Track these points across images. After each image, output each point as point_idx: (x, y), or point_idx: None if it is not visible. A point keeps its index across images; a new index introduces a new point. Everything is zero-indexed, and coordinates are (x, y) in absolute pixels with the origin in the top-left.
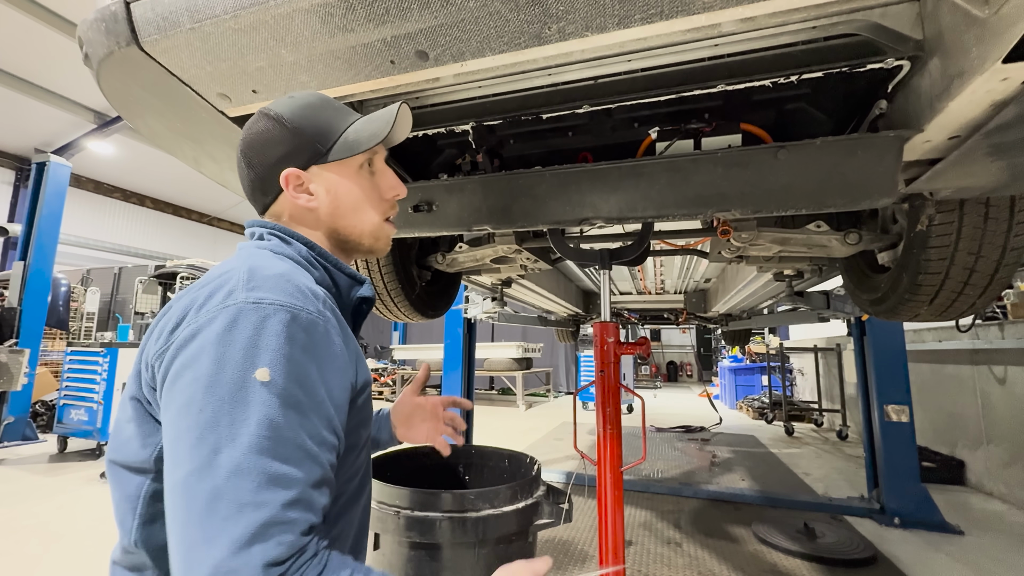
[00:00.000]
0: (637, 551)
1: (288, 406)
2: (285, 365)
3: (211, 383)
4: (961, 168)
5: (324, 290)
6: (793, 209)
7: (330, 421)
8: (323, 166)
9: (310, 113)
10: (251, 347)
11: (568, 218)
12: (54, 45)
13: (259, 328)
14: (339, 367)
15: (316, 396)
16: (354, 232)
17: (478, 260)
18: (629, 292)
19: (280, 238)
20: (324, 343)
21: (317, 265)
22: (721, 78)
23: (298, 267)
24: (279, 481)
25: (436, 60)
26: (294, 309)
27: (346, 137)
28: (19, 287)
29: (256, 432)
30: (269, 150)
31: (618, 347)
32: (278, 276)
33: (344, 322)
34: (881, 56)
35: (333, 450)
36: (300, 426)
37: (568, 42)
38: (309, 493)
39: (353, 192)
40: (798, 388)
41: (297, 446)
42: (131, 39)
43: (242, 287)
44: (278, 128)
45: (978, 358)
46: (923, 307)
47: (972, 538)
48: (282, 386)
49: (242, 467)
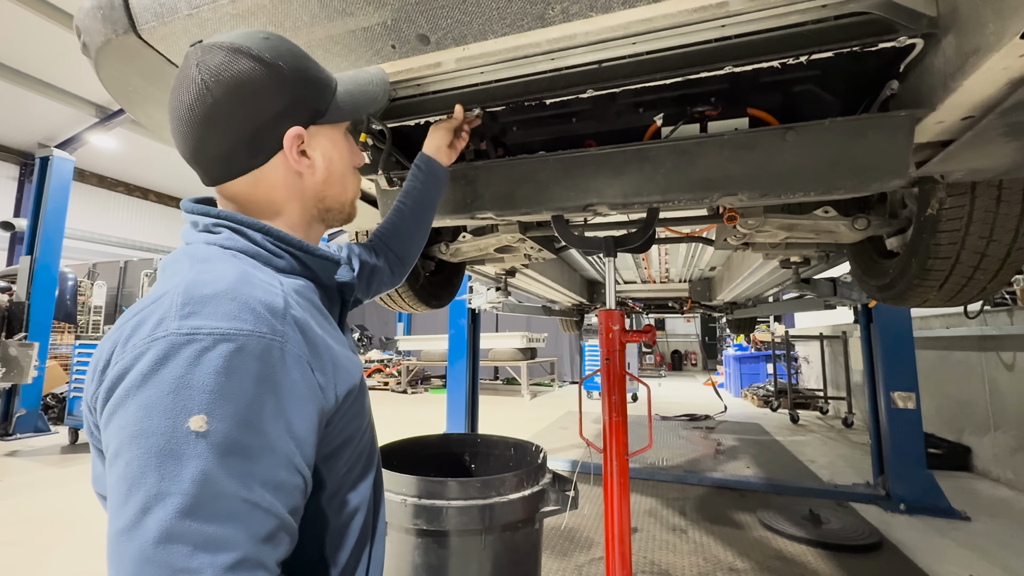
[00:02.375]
0: (643, 537)
1: (230, 455)
2: (227, 408)
3: (137, 433)
4: (974, 149)
5: (292, 280)
6: (802, 192)
7: (290, 459)
8: (321, 126)
9: (301, 60)
10: (183, 389)
11: (572, 204)
12: (54, 39)
13: (193, 365)
14: (302, 394)
15: (270, 435)
16: (338, 200)
17: (482, 249)
18: (634, 281)
19: (231, 229)
20: (282, 369)
21: (281, 253)
22: (728, 60)
23: (256, 266)
24: (217, 544)
25: (438, 44)
26: (241, 336)
27: (341, 96)
28: (26, 281)
29: (189, 491)
30: (263, 102)
31: (623, 335)
32: (220, 294)
33: (326, 316)
34: (893, 34)
35: (296, 491)
36: (246, 475)
37: (572, 23)
38: (256, 549)
39: (344, 157)
40: (803, 376)
41: (242, 500)
42: (128, 26)
43: (175, 314)
44: (272, 74)
45: (986, 344)
46: (932, 292)
47: (979, 524)
48: (224, 434)
49: (173, 532)
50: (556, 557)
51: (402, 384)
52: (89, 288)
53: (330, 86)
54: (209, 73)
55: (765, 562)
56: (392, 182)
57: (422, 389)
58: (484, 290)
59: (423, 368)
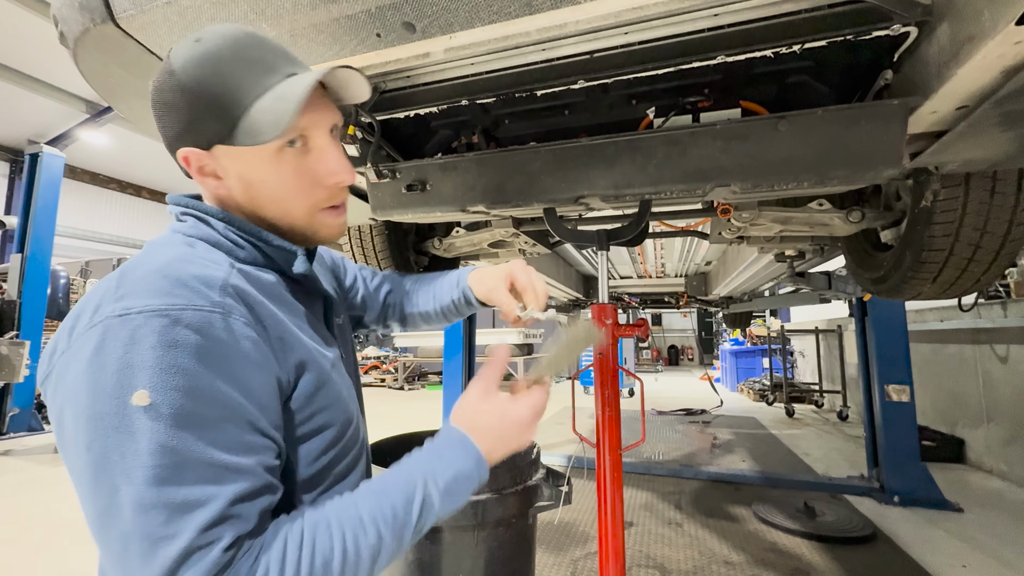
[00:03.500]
0: (638, 532)
1: (183, 424)
2: (170, 380)
3: (90, 417)
4: (969, 140)
5: (255, 270)
6: (795, 183)
7: (253, 423)
8: (233, 148)
9: (213, 70)
10: (124, 368)
11: (563, 196)
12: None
13: (130, 344)
14: (256, 361)
15: (225, 402)
16: (283, 221)
17: (475, 245)
18: (629, 276)
19: (196, 218)
20: (228, 338)
21: (243, 242)
22: (721, 49)
23: (207, 249)
24: (190, 506)
25: (424, 32)
26: (173, 310)
27: (250, 117)
28: (18, 279)
29: (151, 463)
30: (168, 119)
31: (616, 329)
32: (152, 273)
33: (287, 304)
34: (887, 23)
35: (267, 450)
36: (205, 441)
37: (560, 10)
38: (232, 508)
39: (271, 181)
40: (799, 370)
41: (207, 464)
42: (106, 15)
43: (110, 298)
44: (174, 89)
45: (980, 337)
46: (926, 285)
47: (971, 515)
48: (170, 405)
49: (145, 503)
50: (551, 552)
51: (399, 380)
52: (82, 286)
53: (245, 98)
54: (153, 78)
55: (760, 555)
56: (381, 175)
57: (419, 385)
58: None
59: (420, 364)
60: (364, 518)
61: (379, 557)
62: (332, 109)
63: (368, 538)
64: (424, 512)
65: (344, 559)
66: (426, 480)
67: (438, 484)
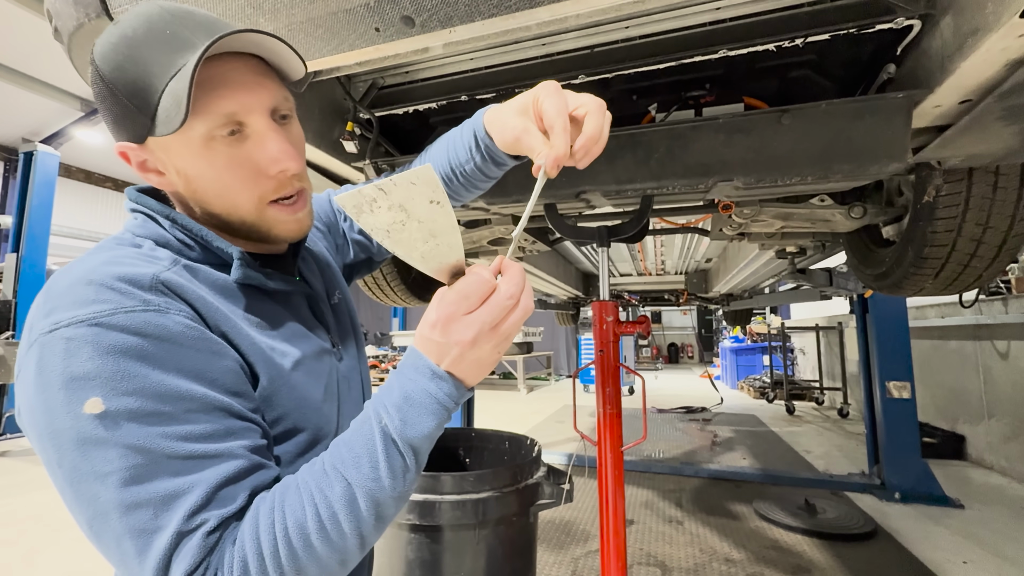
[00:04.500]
0: (639, 529)
1: (144, 423)
2: (117, 384)
3: (51, 435)
4: (972, 134)
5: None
6: (798, 177)
7: (227, 409)
8: (159, 140)
9: (127, 54)
10: (68, 383)
11: (565, 191)
12: (37, 31)
13: (67, 358)
14: (209, 350)
15: (185, 395)
16: (231, 215)
17: (475, 242)
18: (629, 273)
19: (144, 215)
20: (171, 335)
21: (191, 243)
22: (723, 43)
23: (154, 249)
24: (172, 497)
25: (423, 26)
26: (102, 317)
27: (162, 104)
28: (13, 279)
29: (121, 466)
30: (101, 112)
31: (617, 326)
32: (76, 282)
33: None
34: (890, 16)
35: (250, 432)
36: (173, 435)
37: (562, 4)
38: (218, 492)
39: (207, 174)
40: (799, 367)
41: (180, 456)
42: (101, 10)
43: (39, 314)
44: (97, 79)
45: (981, 333)
46: (928, 281)
47: (972, 511)
48: (124, 408)
49: (127, 503)
50: (552, 550)
51: None
52: None
53: (158, 84)
54: None
55: (761, 552)
56: (380, 171)
57: None
58: None
59: None
60: (326, 468)
61: (356, 505)
62: (272, 89)
63: (335, 488)
64: (387, 444)
65: (317, 514)
66: (377, 410)
67: (388, 411)
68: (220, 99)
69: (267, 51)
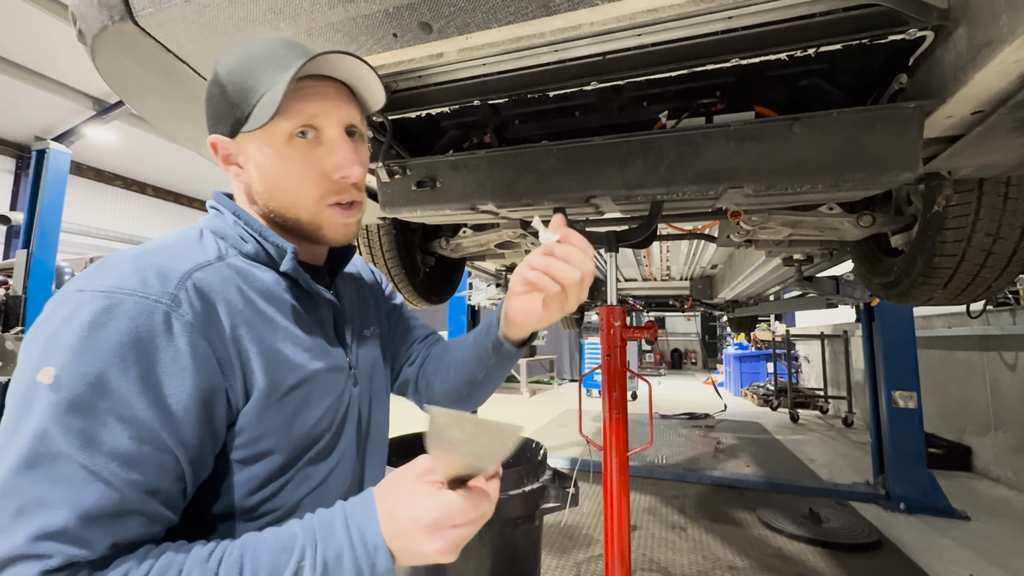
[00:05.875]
0: (642, 535)
1: (74, 414)
2: (80, 364)
3: (14, 381)
4: (984, 145)
5: (255, 266)
6: (809, 185)
7: (154, 433)
8: (248, 136)
9: (244, 66)
10: (50, 341)
11: (574, 195)
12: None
13: (67, 320)
14: (182, 365)
15: (127, 400)
16: (291, 212)
17: (482, 245)
18: (634, 279)
19: (217, 210)
20: (161, 334)
21: (248, 237)
22: (735, 52)
23: (202, 242)
24: (39, 507)
25: (440, 32)
26: (117, 295)
27: (262, 100)
28: (23, 275)
29: (29, 445)
30: (208, 109)
31: (624, 331)
32: (128, 257)
33: (276, 305)
34: (903, 27)
35: (161, 469)
36: (89, 439)
37: (577, 12)
38: (81, 523)
39: (278, 167)
40: (803, 375)
41: (80, 465)
42: (125, 13)
43: (84, 274)
44: (214, 81)
45: (988, 344)
46: (937, 291)
47: (978, 523)
48: (70, 390)
49: (8, 485)
50: (555, 554)
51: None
52: None
53: (256, 90)
54: None
55: (764, 560)
56: (392, 173)
57: None
58: (484, 286)
59: None
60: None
61: None
62: (349, 106)
63: None
64: None
65: None
66: (303, 549)
67: (317, 556)
68: (306, 105)
69: (357, 79)
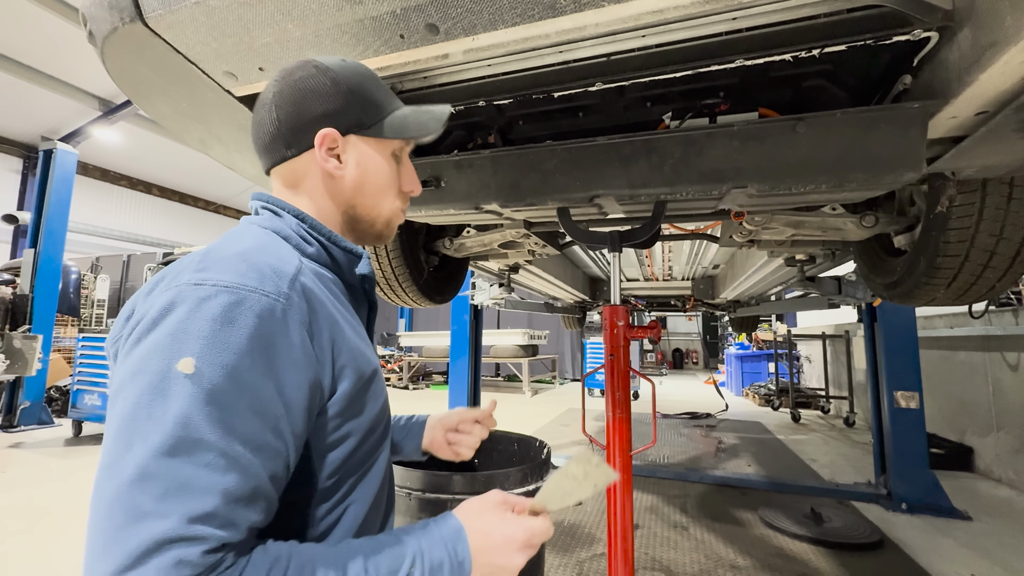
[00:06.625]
0: (644, 534)
1: (214, 403)
2: (217, 355)
3: (136, 371)
4: (988, 145)
5: (317, 267)
6: (813, 185)
7: (277, 422)
8: (362, 138)
9: (363, 81)
10: (180, 332)
11: (578, 194)
12: (57, 31)
13: (193, 312)
14: (296, 360)
15: (258, 393)
16: (370, 213)
17: (486, 245)
18: (636, 279)
19: (271, 211)
20: (280, 331)
21: (311, 240)
22: (739, 53)
23: (281, 243)
24: (188, 489)
25: (447, 33)
26: (242, 291)
27: (394, 118)
28: (30, 274)
29: (171, 431)
30: (311, 102)
31: (628, 331)
32: (235, 255)
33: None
34: (908, 28)
35: (278, 457)
36: (228, 428)
37: (583, 13)
38: (227, 507)
39: (381, 174)
40: (805, 375)
41: (220, 451)
42: (135, 14)
43: (191, 268)
44: (329, 83)
45: (990, 344)
46: (940, 291)
47: (980, 524)
48: (210, 379)
49: (148, 470)
50: (558, 553)
51: (403, 380)
52: (92, 281)
53: (383, 107)
54: (288, 73)
55: (766, 560)
56: None
57: (423, 385)
58: (487, 286)
59: (424, 364)
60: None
61: None
62: None
63: None
64: None
65: None
66: (415, 556)
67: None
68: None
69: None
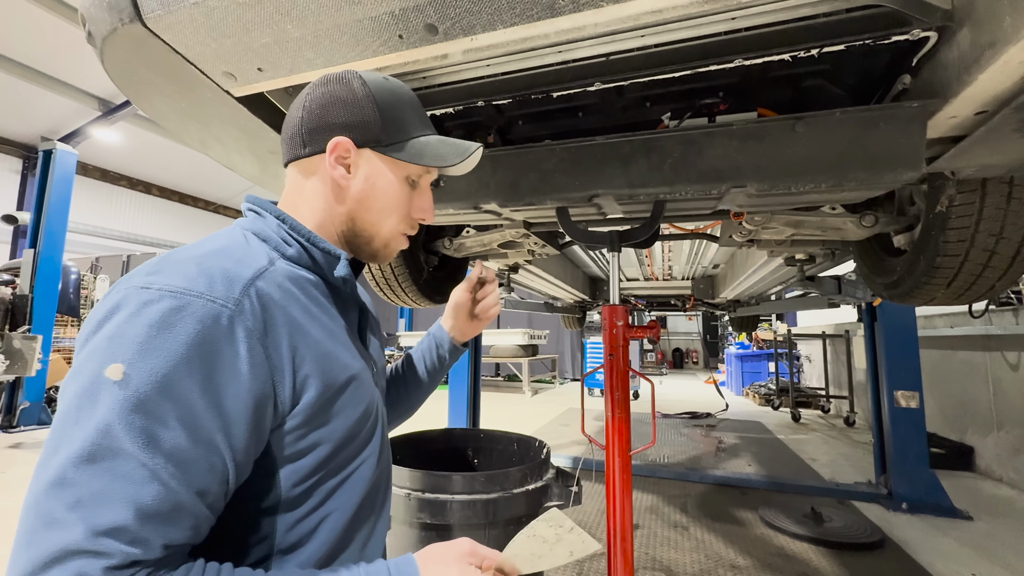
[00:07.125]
0: (644, 534)
1: (140, 412)
2: (148, 363)
3: (75, 373)
4: (987, 145)
5: (298, 269)
6: (812, 184)
7: (209, 436)
8: (377, 154)
9: (395, 101)
10: (117, 337)
11: (577, 194)
12: (57, 32)
13: (133, 316)
14: (240, 370)
15: (190, 404)
16: (369, 229)
17: (485, 245)
18: (636, 278)
19: (255, 212)
20: (225, 339)
21: (291, 241)
22: (738, 53)
23: (254, 245)
24: (100, 501)
25: (446, 34)
26: (187, 295)
27: (416, 143)
28: (30, 274)
29: (92, 438)
30: (336, 109)
31: (627, 330)
32: (190, 258)
33: (320, 308)
34: (907, 27)
35: (212, 472)
36: (151, 438)
37: (582, 13)
38: (139, 522)
39: (389, 193)
40: (805, 375)
41: (140, 463)
42: (134, 15)
43: (143, 271)
44: (360, 96)
45: (991, 344)
46: (940, 291)
47: (981, 523)
48: (136, 388)
49: (66, 477)
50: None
51: None
52: (92, 282)
53: (409, 130)
54: (328, 78)
55: (767, 559)
56: None
57: None
58: None
59: None
60: None
61: None
62: None
63: None
64: None
65: None
66: None
67: None
68: (424, 162)
69: None
